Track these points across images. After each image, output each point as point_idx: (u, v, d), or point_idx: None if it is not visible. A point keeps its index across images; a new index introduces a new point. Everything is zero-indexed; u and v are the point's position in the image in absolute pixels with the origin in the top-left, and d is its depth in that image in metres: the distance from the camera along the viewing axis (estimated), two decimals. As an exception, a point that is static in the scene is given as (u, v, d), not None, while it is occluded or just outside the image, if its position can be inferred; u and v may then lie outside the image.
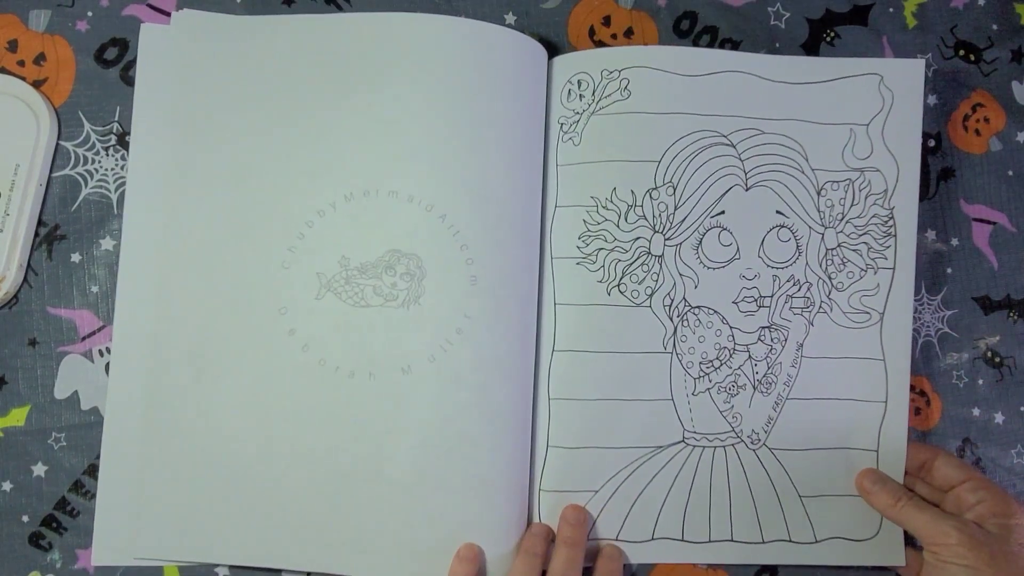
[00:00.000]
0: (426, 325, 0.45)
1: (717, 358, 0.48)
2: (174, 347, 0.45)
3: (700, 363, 0.48)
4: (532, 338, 0.47)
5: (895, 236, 0.49)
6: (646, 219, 0.48)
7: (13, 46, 0.48)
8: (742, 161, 0.48)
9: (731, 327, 0.48)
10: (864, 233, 0.49)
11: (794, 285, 0.48)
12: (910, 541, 0.48)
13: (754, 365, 0.48)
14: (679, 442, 0.48)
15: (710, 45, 0.52)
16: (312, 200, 0.45)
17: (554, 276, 0.48)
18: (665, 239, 0.48)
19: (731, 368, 0.48)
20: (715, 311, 0.48)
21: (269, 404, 0.44)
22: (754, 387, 0.48)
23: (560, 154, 0.49)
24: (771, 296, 0.48)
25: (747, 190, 0.48)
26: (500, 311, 0.45)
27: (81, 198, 0.48)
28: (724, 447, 0.48)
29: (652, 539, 0.47)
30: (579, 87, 0.49)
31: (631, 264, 0.48)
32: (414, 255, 0.45)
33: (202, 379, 0.45)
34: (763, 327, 0.48)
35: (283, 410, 0.44)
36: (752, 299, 0.48)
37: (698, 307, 0.48)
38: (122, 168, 0.48)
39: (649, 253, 0.48)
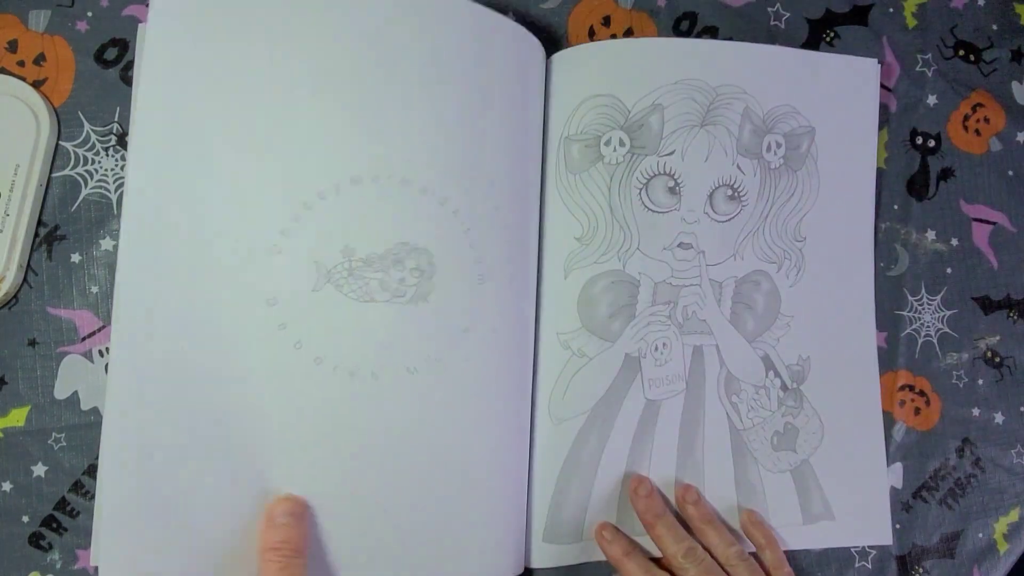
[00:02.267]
0: (434, 323, 0.43)
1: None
2: (168, 346, 0.43)
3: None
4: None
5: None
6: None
7: (13, 46, 0.48)
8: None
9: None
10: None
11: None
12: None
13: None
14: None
15: (710, 45, 0.52)
16: (312, 178, 0.41)
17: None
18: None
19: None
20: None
21: (261, 406, 0.41)
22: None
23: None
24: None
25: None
26: (506, 310, 0.45)
27: (81, 198, 0.48)
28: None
29: None
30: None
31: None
32: (425, 250, 0.42)
33: (197, 378, 0.42)
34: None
35: (275, 412, 0.41)
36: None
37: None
38: (122, 168, 0.48)
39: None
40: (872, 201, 0.52)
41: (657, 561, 0.46)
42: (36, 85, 0.48)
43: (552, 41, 0.51)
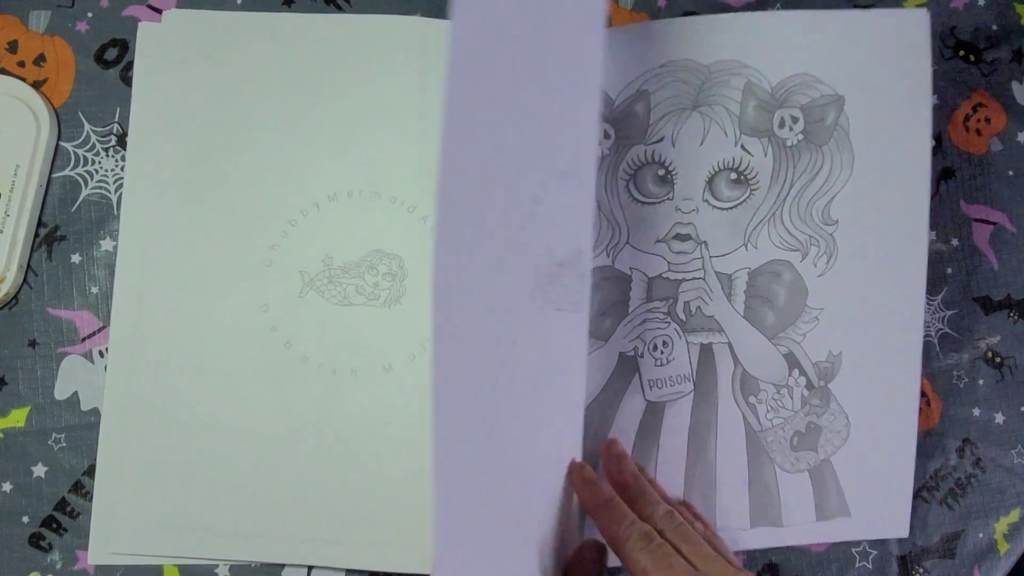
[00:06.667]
0: (407, 324, 0.45)
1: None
2: (166, 345, 0.45)
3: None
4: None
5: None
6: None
7: (13, 47, 0.48)
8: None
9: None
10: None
11: None
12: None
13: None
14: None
15: (710, 45, 0.52)
16: (296, 199, 0.46)
17: None
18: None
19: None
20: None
21: (254, 401, 0.45)
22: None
23: None
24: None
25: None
26: None
27: (81, 199, 0.48)
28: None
29: None
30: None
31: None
32: (396, 255, 0.46)
33: (193, 377, 0.45)
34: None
35: (267, 407, 0.45)
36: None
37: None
38: (122, 169, 0.48)
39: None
40: (928, 171, 0.46)
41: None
42: (36, 85, 0.48)
43: (552, 41, 0.51)
